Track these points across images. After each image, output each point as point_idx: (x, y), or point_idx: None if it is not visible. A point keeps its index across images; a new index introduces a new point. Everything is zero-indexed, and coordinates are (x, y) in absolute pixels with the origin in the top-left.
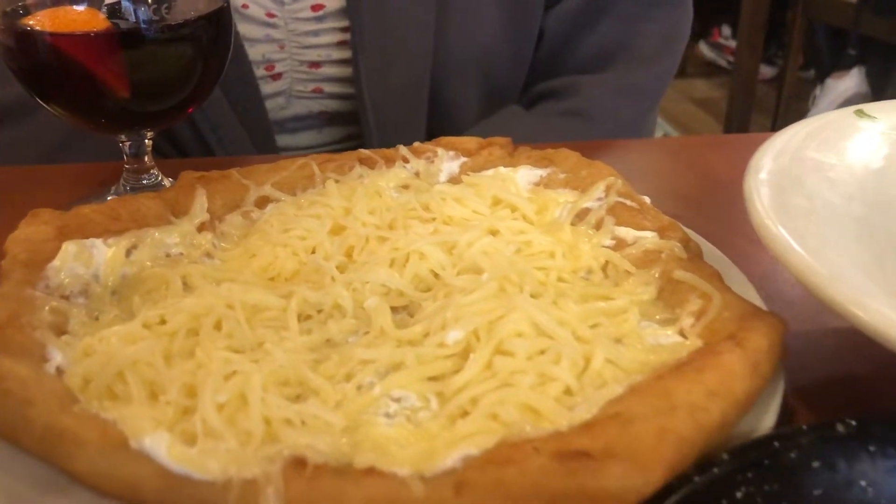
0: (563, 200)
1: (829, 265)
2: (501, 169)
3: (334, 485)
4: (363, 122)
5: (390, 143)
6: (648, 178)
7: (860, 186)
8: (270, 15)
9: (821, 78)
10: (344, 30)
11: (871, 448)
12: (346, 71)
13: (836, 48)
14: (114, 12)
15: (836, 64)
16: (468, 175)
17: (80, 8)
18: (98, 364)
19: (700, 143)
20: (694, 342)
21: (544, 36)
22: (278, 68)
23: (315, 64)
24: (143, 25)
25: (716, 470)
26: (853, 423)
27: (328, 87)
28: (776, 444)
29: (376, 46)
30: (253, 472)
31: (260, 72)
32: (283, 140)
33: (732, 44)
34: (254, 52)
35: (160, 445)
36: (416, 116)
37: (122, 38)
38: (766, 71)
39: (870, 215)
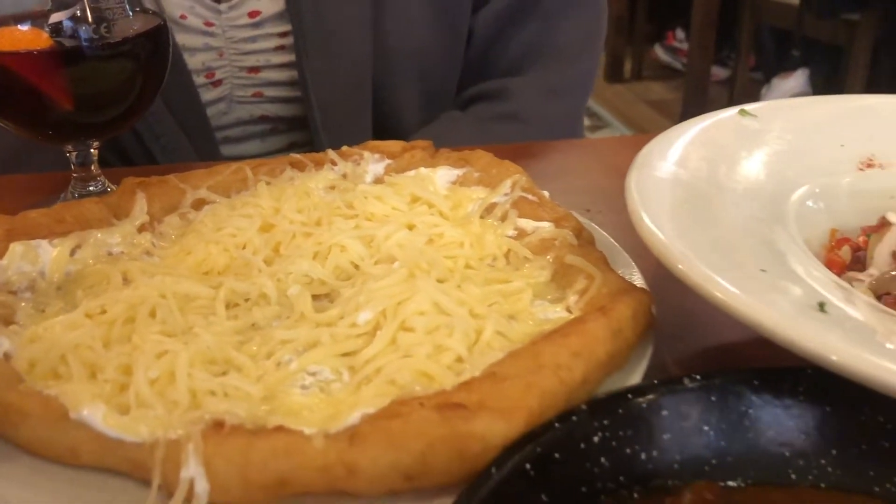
0: (476, 196)
1: (688, 246)
2: (422, 169)
3: (245, 440)
4: (311, 125)
5: (339, 144)
6: (568, 176)
7: (730, 177)
8: (208, 24)
9: (768, 78)
10: (282, 34)
11: (713, 398)
12: (284, 75)
13: (782, 50)
14: (57, 31)
15: (781, 65)
16: (391, 176)
17: (25, 28)
18: (43, 349)
19: (615, 143)
20: (576, 316)
21: (474, 36)
22: (218, 75)
23: (254, 69)
24: (84, 44)
25: (575, 418)
26: (698, 377)
27: (268, 91)
28: (630, 396)
29: (319, 49)
30: (177, 434)
31: (200, 79)
32: (227, 150)
33: (687, 46)
34: (193, 61)
35: (97, 415)
36: (362, 116)
37: (65, 56)
38: (720, 72)
39: (737, 202)
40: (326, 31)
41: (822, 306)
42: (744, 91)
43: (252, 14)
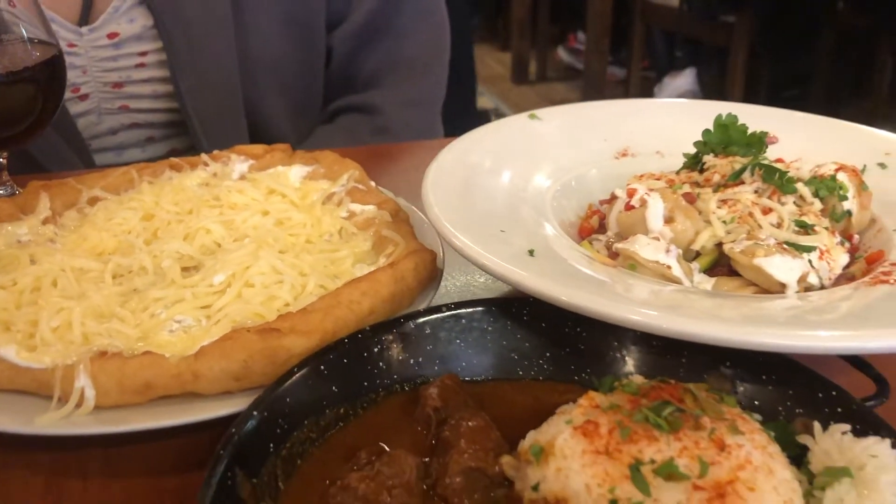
0: (320, 188)
1: (454, 218)
2: (280, 168)
3: (122, 360)
4: (192, 135)
5: (219, 149)
6: (412, 171)
7: (507, 166)
8: (71, 45)
9: (659, 77)
10: (141, 54)
11: (463, 320)
12: (147, 89)
13: (671, 51)
14: None
15: (672, 65)
16: (253, 173)
17: None
18: None
19: None
20: None
21: (333, 53)
22: (84, 90)
23: (118, 84)
24: None
25: (360, 335)
26: (452, 305)
27: (133, 104)
28: (402, 320)
29: (190, 68)
30: (72, 360)
31: (67, 94)
32: (109, 158)
33: None
34: None
35: (10, 351)
36: (237, 124)
37: None
38: (618, 73)
39: (509, 185)
40: (194, 50)
41: (531, 252)
42: (638, 90)
43: (111, 35)
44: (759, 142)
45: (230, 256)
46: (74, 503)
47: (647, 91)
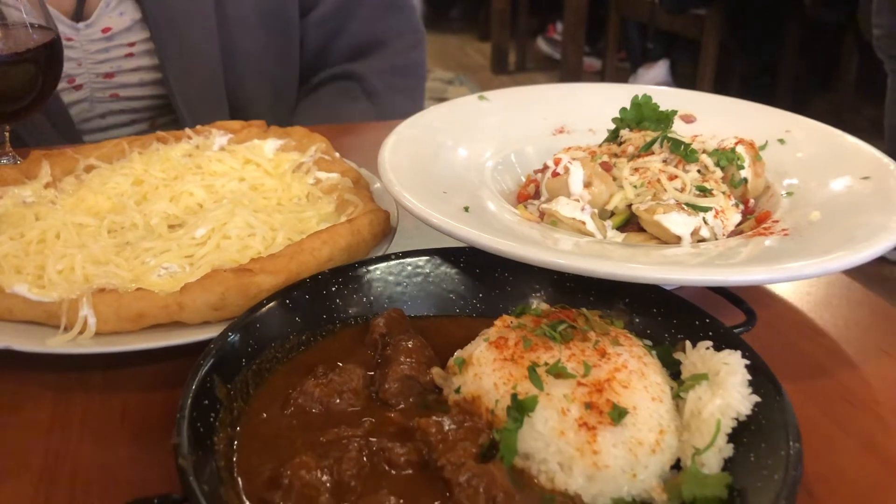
0: (291, 158)
1: (405, 181)
2: (255, 141)
3: (118, 294)
4: (179, 116)
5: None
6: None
7: (457, 141)
8: (68, 39)
9: (634, 69)
10: (130, 44)
11: (409, 267)
12: (135, 78)
13: (645, 42)
14: None
15: (646, 56)
16: (232, 146)
17: None
18: None
19: None
20: None
21: (305, 40)
22: (78, 81)
23: (109, 75)
24: None
25: (320, 277)
26: (400, 253)
27: (123, 92)
28: (357, 265)
29: (177, 56)
30: (76, 295)
31: (63, 84)
32: (92, 137)
33: None
34: None
35: (23, 288)
36: (219, 109)
37: None
38: (595, 63)
39: (457, 157)
40: (180, 39)
41: (466, 209)
42: (613, 80)
43: (105, 30)
44: (668, 119)
45: (210, 214)
46: (78, 413)
47: (622, 81)
